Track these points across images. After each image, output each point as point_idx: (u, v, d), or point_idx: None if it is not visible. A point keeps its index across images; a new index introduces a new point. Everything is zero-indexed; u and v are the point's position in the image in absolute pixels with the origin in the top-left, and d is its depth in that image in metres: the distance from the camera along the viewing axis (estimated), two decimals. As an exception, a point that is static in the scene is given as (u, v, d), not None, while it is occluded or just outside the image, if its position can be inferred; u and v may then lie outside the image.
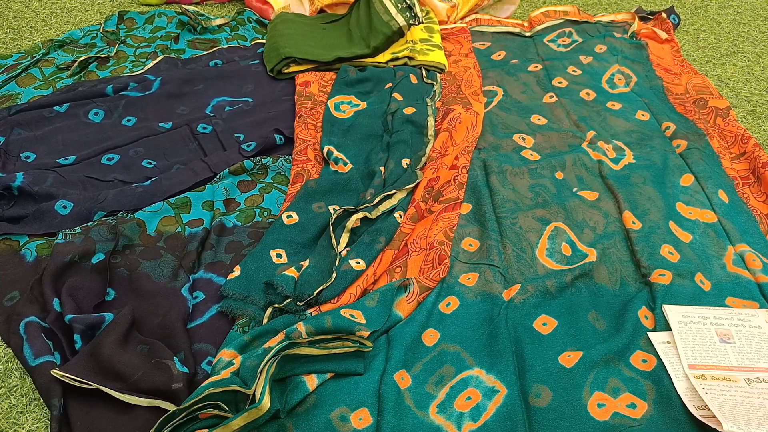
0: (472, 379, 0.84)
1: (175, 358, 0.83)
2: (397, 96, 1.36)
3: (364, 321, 0.87)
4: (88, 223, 1.05)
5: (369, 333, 0.86)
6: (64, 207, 1.05)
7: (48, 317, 0.88)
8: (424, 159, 1.19)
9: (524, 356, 0.86)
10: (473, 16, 1.67)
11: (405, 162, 1.18)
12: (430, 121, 1.29)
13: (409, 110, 1.31)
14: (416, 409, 0.80)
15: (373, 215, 1.06)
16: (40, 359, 0.82)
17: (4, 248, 1.02)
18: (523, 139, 1.28)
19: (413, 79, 1.42)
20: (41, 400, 0.82)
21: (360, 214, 1.05)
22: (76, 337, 0.85)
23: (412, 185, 1.12)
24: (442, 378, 0.84)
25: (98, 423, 0.77)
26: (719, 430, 0.74)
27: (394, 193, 1.10)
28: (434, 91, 1.39)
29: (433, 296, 0.95)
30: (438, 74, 1.46)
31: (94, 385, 0.78)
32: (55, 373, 0.78)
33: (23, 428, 0.80)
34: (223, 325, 0.92)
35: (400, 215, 1.06)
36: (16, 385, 0.84)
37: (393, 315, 0.91)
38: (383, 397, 0.81)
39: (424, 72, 1.45)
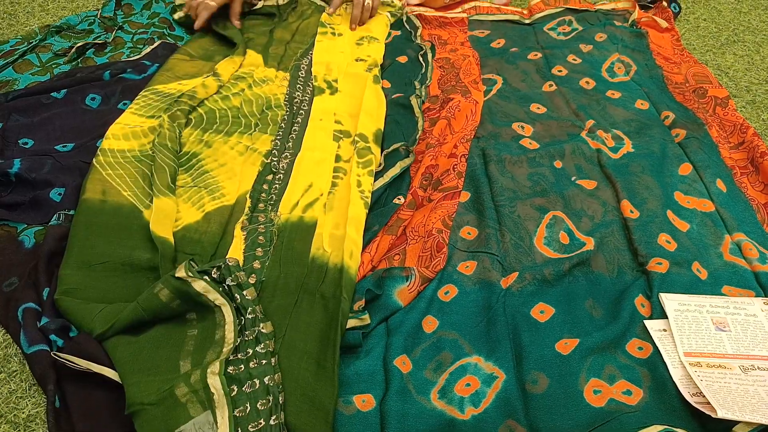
0: (470, 366, 0.85)
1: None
2: (384, 84, 1.36)
3: None
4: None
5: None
6: (60, 194, 1.05)
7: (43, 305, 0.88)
8: (416, 136, 1.20)
9: (521, 343, 0.86)
10: (473, 4, 1.66)
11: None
12: (414, 101, 1.29)
13: (397, 95, 1.32)
14: (416, 395, 0.81)
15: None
16: (35, 347, 0.82)
17: (3, 234, 1.01)
18: (522, 127, 1.27)
19: (402, 59, 1.42)
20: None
21: None
22: (53, 337, 0.83)
23: (406, 162, 1.13)
24: (440, 364, 0.85)
25: (97, 408, 0.78)
26: (713, 416, 0.74)
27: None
28: (422, 74, 1.39)
29: (433, 284, 0.95)
30: (429, 54, 1.45)
31: (97, 368, 0.78)
32: (56, 355, 0.79)
33: (23, 413, 0.80)
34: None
35: (400, 199, 1.06)
36: (15, 371, 0.85)
37: (393, 302, 0.92)
38: (386, 380, 0.82)
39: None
